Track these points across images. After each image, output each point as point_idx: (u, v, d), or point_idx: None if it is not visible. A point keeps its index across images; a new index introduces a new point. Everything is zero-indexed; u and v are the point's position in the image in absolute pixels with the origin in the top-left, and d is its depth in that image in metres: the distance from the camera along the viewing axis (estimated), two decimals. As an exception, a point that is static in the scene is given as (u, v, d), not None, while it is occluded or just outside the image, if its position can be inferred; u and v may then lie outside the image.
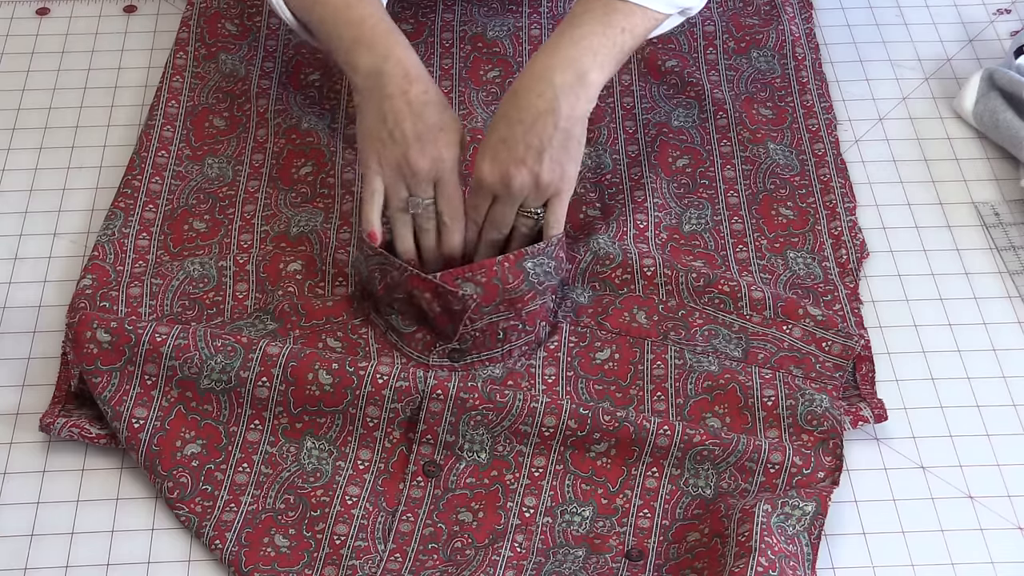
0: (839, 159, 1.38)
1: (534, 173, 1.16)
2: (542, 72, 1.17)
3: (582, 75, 1.17)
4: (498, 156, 1.17)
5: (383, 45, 1.20)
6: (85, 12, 1.54)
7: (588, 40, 1.18)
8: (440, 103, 1.20)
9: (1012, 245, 1.31)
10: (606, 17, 1.19)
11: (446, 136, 1.19)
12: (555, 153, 1.17)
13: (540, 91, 1.17)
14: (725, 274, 1.24)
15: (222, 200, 1.32)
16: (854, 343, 1.20)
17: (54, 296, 1.26)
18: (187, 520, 1.09)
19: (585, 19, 1.19)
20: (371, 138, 1.19)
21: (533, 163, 1.16)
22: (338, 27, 1.23)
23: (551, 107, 1.16)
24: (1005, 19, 1.54)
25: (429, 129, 1.18)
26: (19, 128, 1.41)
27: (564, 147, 1.17)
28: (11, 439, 1.15)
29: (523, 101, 1.17)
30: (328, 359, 1.13)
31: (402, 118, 1.18)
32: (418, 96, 1.18)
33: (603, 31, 1.19)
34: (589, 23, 1.19)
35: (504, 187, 1.17)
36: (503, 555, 1.07)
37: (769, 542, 1.03)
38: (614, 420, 1.12)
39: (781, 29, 1.49)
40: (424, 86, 1.19)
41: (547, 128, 1.16)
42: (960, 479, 1.14)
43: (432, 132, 1.18)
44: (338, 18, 1.23)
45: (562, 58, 1.17)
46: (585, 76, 1.17)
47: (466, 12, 1.51)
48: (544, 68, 1.17)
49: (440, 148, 1.18)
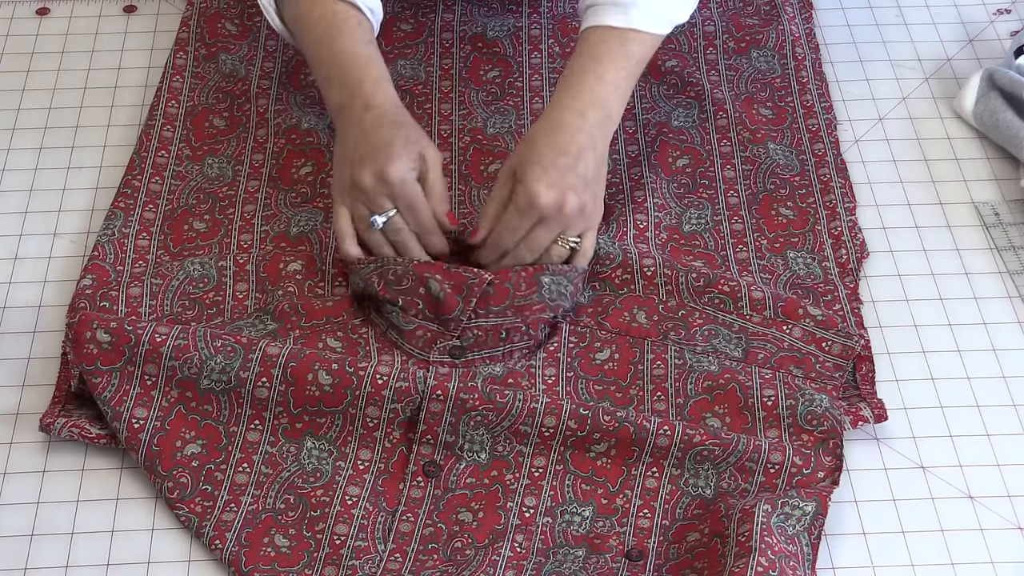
0: (839, 159, 1.38)
1: (582, 202, 1.20)
2: (578, 109, 1.22)
3: (609, 113, 1.24)
4: (552, 181, 1.20)
5: (351, 81, 1.24)
6: (85, 12, 1.54)
7: (610, 76, 1.24)
8: (394, 123, 1.22)
9: (1012, 245, 1.31)
10: (623, 48, 1.24)
11: (391, 149, 1.20)
12: (595, 188, 1.22)
13: (578, 126, 1.22)
14: (725, 274, 1.24)
15: (222, 200, 1.32)
16: (854, 343, 1.20)
17: (54, 296, 1.26)
18: (187, 520, 1.09)
19: (603, 52, 1.24)
20: (336, 173, 1.24)
21: (583, 193, 1.20)
22: (316, 61, 1.27)
23: (591, 144, 1.22)
24: (1005, 19, 1.54)
25: (375, 147, 1.20)
26: (19, 128, 1.41)
27: (598, 183, 1.23)
28: (11, 439, 1.15)
29: (565, 135, 1.21)
30: (328, 359, 1.13)
31: (354, 146, 1.22)
32: (371, 121, 1.22)
33: (623, 65, 1.24)
34: (609, 58, 1.24)
35: (557, 210, 1.20)
36: (503, 555, 1.07)
37: (769, 542, 1.03)
38: (614, 420, 1.12)
39: (781, 29, 1.49)
40: (380, 111, 1.22)
41: (589, 163, 1.21)
42: (960, 479, 1.14)
43: (378, 149, 1.20)
44: (319, 53, 1.27)
45: (591, 97, 1.23)
46: (611, 114, 1.24)
47: (466, 12, 1.51)
48: (578, 105, 1.23)
49: (381, 163, 1.19)
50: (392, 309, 1.19)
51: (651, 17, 1.25)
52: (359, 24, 1.28)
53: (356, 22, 1.27)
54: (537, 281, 1.18)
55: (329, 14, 1.27)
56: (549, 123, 1.23)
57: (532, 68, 1.46)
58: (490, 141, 1.38)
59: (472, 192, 1.33)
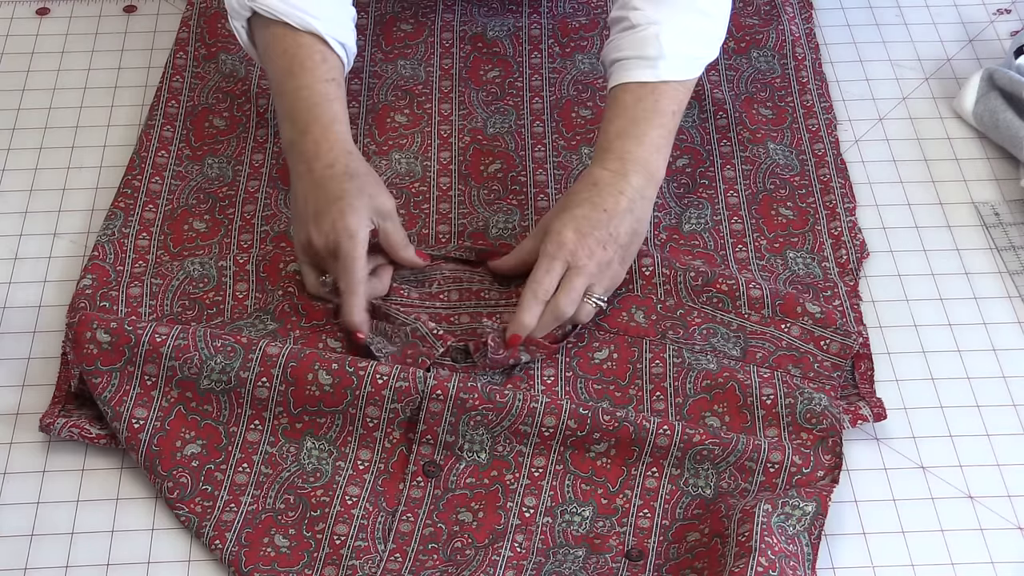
0: (839, 159, 1.38)
1: (609, 257, 1.19)
2: (621, 172, 1.21)
3: (652, 174, 1.23)
4: (582, 229, 1.19)
5: (304, 120, 1.23)
6: (85, 12, 1.54)
7: (650, 136, 1.22)
8: (343, 174, 1.20)
9: (1012, 245, 1.31)
10: (658, 105, 1.23)
11: (340, 205, 1.18)
12: (625, 251, 1.21)
13: (621, 189, 1.20)
14: (723, 273, 1.24)
15: (222, 200, 1.32)
16: (852, 341, 1.20)
17: (54, 296, 1.26)
18: (187, 520, 1.09)
19: (639, 112, 1.23)
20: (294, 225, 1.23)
21: (612, 250, 1.19)
22: (277, 94, 1.27)
23: (630, 207, 1.20)
24: (1005, 19, 1.54)
25: (325, 202, 1.19)
26: (19, 128, 1.41)
27: (630, 246, 1.21)
28: (11, 439, 1.15)
29: (606, 195, 1.20)
30: (328, 359, 1.13)
31: (304, 199, 1.21)
32: (321, 172, 1.21)
33: (660, 122, 1.23)
34: (645, 117, 1.23)
35: (586, 257, 1.18)
36: (503, 555, 1.07)
37: (769, 542, 1.03)
38: (614, 420, 1.12)
39: (781, 29, 1.49)
40: (330, 160, 1.21)
41: (626, 225, 1.20)
42: (960, 479, 1.14)
43: (328, 205, 1.19)
44: (279, 86, 1.26)
45: (632, 160, 1.22)
46: (654, 175, 1.23)
47: (466, 12, 1.51)
48: (621, 169, 1.21)
49: (333, 219, 1.18)
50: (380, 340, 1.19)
51: (679, 66, 1.24)
52: (323, 60, 1.26)
53: (320, 58, 1.26)
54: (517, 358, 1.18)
55: (293, 47, 1.25)
56: (591, 181, 1.21)
57: (532, 68, 1.46)
58: (490, 141, 1.38)
59: (472, 192, 1.33)
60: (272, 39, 1.27)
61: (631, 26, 1.25)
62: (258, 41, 1.29)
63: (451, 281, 1.25)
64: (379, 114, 1.41)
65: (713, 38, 1.28)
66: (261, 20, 1.27)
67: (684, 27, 1.24)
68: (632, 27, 1.25)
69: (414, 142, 1.38)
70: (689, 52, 1.24)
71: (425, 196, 1.33)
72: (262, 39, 1.28)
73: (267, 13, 1.26)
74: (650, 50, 1.23)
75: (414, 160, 1.36)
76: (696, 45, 1.25)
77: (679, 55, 1.23)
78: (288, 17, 1.25)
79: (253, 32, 1.30)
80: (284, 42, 1.26)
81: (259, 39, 1.29)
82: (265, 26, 1.27)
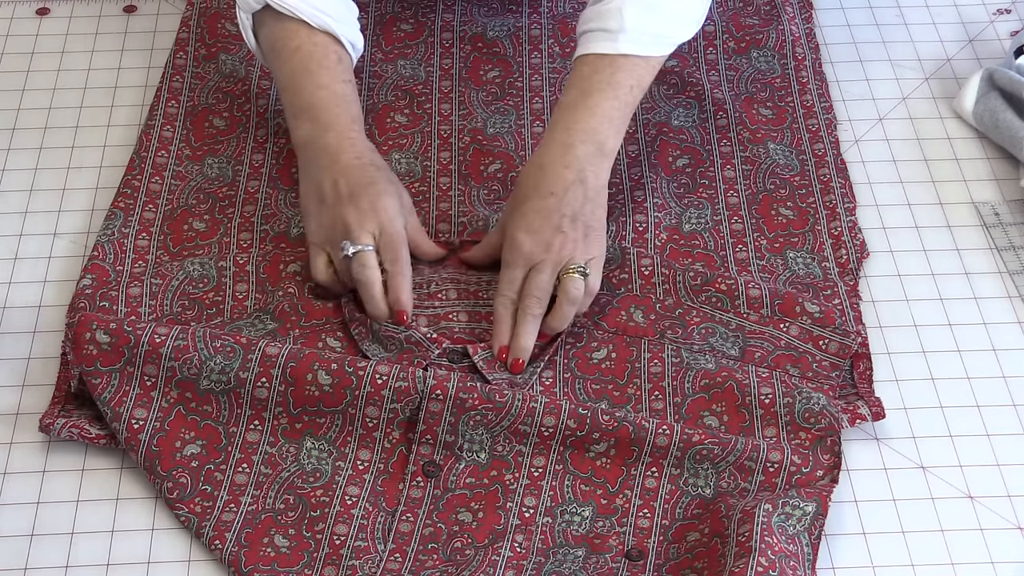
0: (839, 159, 1.38)
1: (572, 239, 1.19)
2: (566, 144, 1.21)
3: (601, 145, 1.22)
4: (533, 226, 1.19)
5: (325, 119, 1.23)
6: (85, 12, 1.54)
7: (602, 107, 1.22)
8: (371, 164, 1.22)
9: (1012, 245, 1.31)
10: (614, 77, 1.23)
11: (376, 188, 1.20)
12: (587, 219, 1.20)
13: (566, 163, 1.20)
14: (723, 273, 1.24)
15: (222, 200, 1.32)
16: (851, 341, 1.20)
17: (54, 296, 1.26)
18: (187, 520, 1.09)
19: (594, 83, 1.22)
20: (309, 215, 1.22)
21: (570, 230, 1.19)
22: (291, 91, 1.26)
23: (579, 177, 1.20)
24: (1005, 19, 1.54)
25: (359, 186, 1.20)
26: (19, 128, 1.41)
27: (594, 214, 1.20)
28: (11, 439, 1.15)
29: (551, 174, 1.20)
30: (327, 359, 1.13)
31: (332, 184, 1.21)
32: (349, 162, 1.21)
33: (614, 94, 1.22)
34: (599, 88, 1.22)
35: (544, 253, 1.18)
36: (503, 555, 1.07)
37: (769, 542, 1.03)
38: (613, 420, 1.12)
39: (781, 29, 1.49)
40: (356, 152, 1.22)
41: (578, 197, 1.20)
42: (960, 479, 1.14)
43: (362, 188, 1.20)
44: (294, 83, 1.26)
45: (581, 130, 1.21)
46: (604, 145, 1.22)
47: (466, 12, 1.51)
48: (566, 141, 1.21)
49: (371, 200, 1.19)
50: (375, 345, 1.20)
51: (641, 40, 1.23)
52: (339, 60, 1.27)
53: (336, 58, 1.27)
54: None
55: (309, 45, 1.26)
56: (536, 165, 1.21)
57: (532, 68, 1.46)
58: (490, 141, 1.38)
59: (472, 192, 1.33)
60: (284, 35, 1.27)
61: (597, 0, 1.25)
62: (266, 35, 1.29)
63: (449, 282, 1.25)
64: (379, 114, 1.41)
65: (686, 18, 1.27)
66: (272, 14, 1.27)
67: (651, 3, 1.24)
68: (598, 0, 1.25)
69: (414, 142, 1.38)
70: (654, 29, 1.24)
71: (425, 196, 1.33)
72: (272, 33, 1.28)
73: (283, 9, 1.26)
74: (611, 23, 1.23)
75: (414, 160, 1.36)
76: (663, 23, 1.25)
77: (641, 30, 1.23)
78: (305, 15, 1.26)
79: (258, 26, 1.29)
80: (298, 38, 1.26)
81: (268, 33, 1.28)
82: (277, 21, 1.27)
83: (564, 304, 1.18)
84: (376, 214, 1.19)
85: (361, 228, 1.19)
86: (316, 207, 1.22)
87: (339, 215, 1.20)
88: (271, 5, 1.26)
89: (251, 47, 1.32)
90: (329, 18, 1.26)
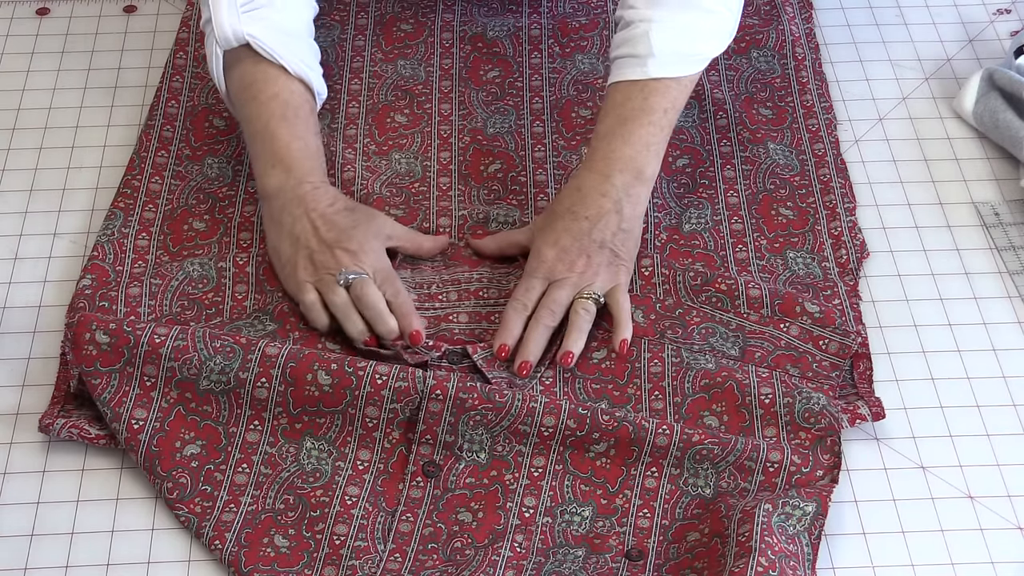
0: (839, 159, 1.38)
1: (597, 264, 1.20)
2: (605, 173, 1.22)
3: (639, 172, 1.22)
4: (561, 242, 1.20)
5: (300, 170, 1.23)
6: (85, 12, 1.54)
7: (638, 134, 1.22)
8: (346, 209, 1.23)
9: (1012, 245, 1.31)
10: (647, 103, 1.23)
11: (359, 231, 1.21)
12: (617, 249, 1.21)
13: (604, 191, 1.21)
14: (723, 272, 1.24)
15: (222, 200, 1.32)
16: (851, 341, 1.20)
17: (54, 296, 1.26)
18: (187, 520, 1.09)
19: (628, 110, 1.23)
20: (290, 264, 1.21)
21: (597, 255, 1.20)
22: (262, 138, 1.25)
23: (616, 208, 1.21)
24: (1005, 19, 1.54)
25: (342, 232, 1.20)
26: (19, 128, 1.41)
27: (624, 244, 1.21)
28: (11, 439, 1.15)
29: (588, 201, 1.21)
30: (327, 359, 1.13)
31: (313, 230, 1.21)
32: (324, 210, 1.22)
33: (649, 119, 1.23)
34: (634, 115, 1.23)
35: (566, 271, 1.19)
36: (503, 555, 1.07)
37: (769, 542, 1.03)
38: (613, 420, 1.12)
39: (781, 29, 1.49)
40: (329, 200, 1.22)
41: (611, 226, 1.21)
42: (960, 479, 1.14)
43: (345, 234, 1.20)
44: (269, 130, 1.25)
45: (618, 159, 1.22)
46: (643, 172, 1.22)
47: (466, 12, 1.51)
48: (604, 171, 1.22)
49: (359, 242, 1.20)
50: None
51: (671, 62, 1.23)
52: (311, 112, 1.27)
53: (310, 108, 1.27)
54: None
55: (286, 93, 1.25)
56: (575, 187, 1.22)
57: (532, 68, 1.46)
58: (490, 141, 1.38)
59: (472, 192, 1.34)
60: (262, 79, 1.26)
61: (626, 24, 1.26)
62: (238, 75, 1.27)
63: (449, 283, 1.25)
64: (379, 114, 1.41)
65: (715, 33, 1.27)
66: (249, 55, 1.26)
67: (678, 24, 1.24)
68: (627, 25, 1.25)
69: (414, 142, 1.38)
70: (682, 49, 1.24)
71: (425, 196, 1.33)
72: (247, 75, 1.26)
73: (264, 52, 1.25)
74: (640, 48, 1.23)
75: (414, 160, 1.36)
76: (691, 42, 1.25)
77: (670, 52, 1.23)
78: (285, 61, 1.25)
79: (231, 64, 1.27)
80: (277, 85, 1.25)
81: (243, 74, 1.27)
82: (256, 63, 1.26)
83: (573, 330, 1.19)
84: (367, 255, 1.20)
85: (355, 264, 1.20)
86: (292, 250, 1.21)
87: (327, 259, 1.20)
88: (251, 46, 1.25)
89: (218, 83, 1.29)
90: (306, 67, 1.27)
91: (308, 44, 1.30)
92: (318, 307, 1.19)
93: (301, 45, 1.28)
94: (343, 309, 1.18)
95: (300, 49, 1.28)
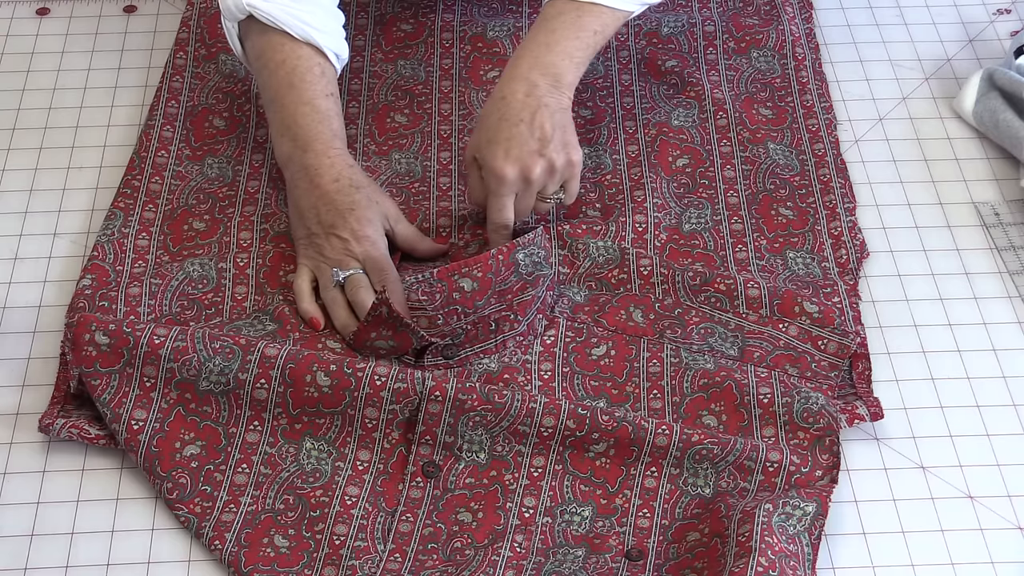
0: (839, 159, 1.38)
1: (550, 161, 1.22)
2: (524, 76, 1.24)
3: (558, 78, 1.24)
4: (511, 153, 1.21)
5: (305, 136, 1.24)
6: (85, 12, 1.54)
7: (562, 45, 1.25)
8: (350, 185, 1.23)
9: (1012, 245, 1.31)
10: (579, 20, 1.26)
11: (356, 214, 1.21)
12: (559, 141, 1.22)
13: (527, 91, 1.23)
14: (722, 272, 1.24)
15: (222, 200, 1.32)
16: (850, 340, 1.20)
17: (54, 296, 1.26)
18: (187, 520, 1.09)
19: (558, 23, 1.26)
20: (295, 236, 1.24)
21: (547, 152, 1.22)
22: (274, 106, 1.27)
23: (542, 103, 1.23)
24: (1005, 19, 1.54)
25: (339, 215, 1.21)
26: (19, 128, 1.41)
27: (563, 134, 1.23)
28: (11, 439, 1.16)
29: (514, 102, 1.23)
30: (326, 360, 1.13)
31: (314, 212, 1.22)
32: (327, 187, 1.22)
33: (576, 34, 1.26)
34: (562, 28, 1.26)
35: (524, 180, 1.21)
36: (503, 555, 1.07)
37: (769, 542, 1.03)
38: (612, 420, 1.12)
39: (781, 29, 1.49)
40: (334, 174, 1.23)
41: (546, 121, 1.22)
42: (960, 479, 1.14)
43: (342, 217, 1.21)
44: (279, 97, 1.26)
45: (538, 63, 1.24)
46: (561, 79, 1.25)
47: (466, 12, 1.51)
48: (524, 72, 1.24)
49: (353, 228, 1.20)
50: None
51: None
52: (322, 74, 1.27)
53: (320, 71, 1.27)
54: (514, 260, 1.18)
55: (292, 59, 1.26)
56: (498, 97, 1.24)
57: (532, 68, 1.45)
58: (490, 141, 1.38)
59: (472, 192, 1.34)
60: (269, 47, 1.27)
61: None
62: (251, 46, 1.29)
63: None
64: (379, 114, 1.41)
65: None
66: (256, 26, 1.27)
67: None
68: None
69: (414, 142, 1.38)
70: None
71: (425, 196, 1.33)
72: (256, 45, 1.28)
73: (267, 20, 1.26)
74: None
75: (414, 160, 1.36)
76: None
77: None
78: (288, 27, 1.26)
79: (244, 36, 1.29)
80: (283, 52, 1.26)
81: (253, 45, 1.29)
82: (261, 33, 1.27)
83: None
84: (358, 243, 1.21)
85: (346, 257, 1.20)
86: (298, 224, 1.24)
87: (322, 247, 1.21)
88: (255, 16, 1.26)
89: (238, 55, 1.32)
90: (312, 29, 1.27)
91: (318, 6, 1.29)
92: (306, 296, 1.21)
93: (307, 8, 1.27)
94: (332, 304, 1.20)
95: (305, 13, 1.27)
